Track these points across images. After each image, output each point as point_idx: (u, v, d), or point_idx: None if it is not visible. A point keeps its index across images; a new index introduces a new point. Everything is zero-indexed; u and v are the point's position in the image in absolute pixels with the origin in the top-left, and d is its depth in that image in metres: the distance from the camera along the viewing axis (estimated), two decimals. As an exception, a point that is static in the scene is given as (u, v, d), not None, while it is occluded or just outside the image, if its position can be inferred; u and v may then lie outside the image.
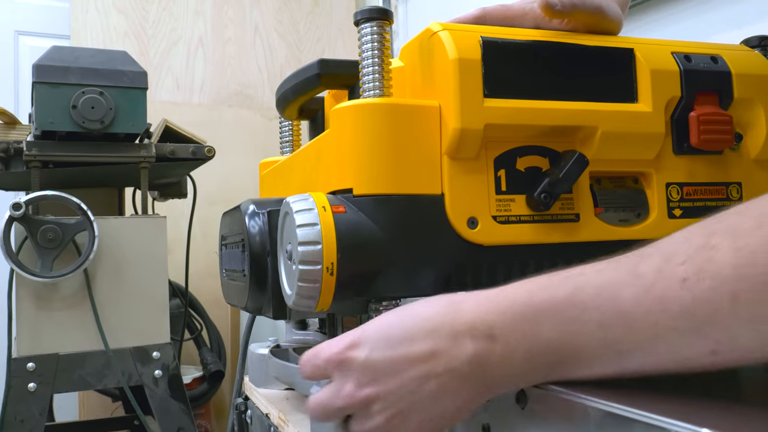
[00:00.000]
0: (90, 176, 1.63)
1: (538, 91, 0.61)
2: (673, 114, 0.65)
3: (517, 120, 0.59)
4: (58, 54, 1.47)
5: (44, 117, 1.42)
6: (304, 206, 0.56)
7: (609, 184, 0.65)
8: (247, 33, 2.71)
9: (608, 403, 0.39)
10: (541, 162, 0.61)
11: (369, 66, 0.59)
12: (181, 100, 2.57)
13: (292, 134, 0.88)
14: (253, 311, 0.68)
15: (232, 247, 0.71)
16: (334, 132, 0.60)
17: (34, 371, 1.35)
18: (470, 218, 0.58)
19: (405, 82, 0.65)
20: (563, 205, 0.62)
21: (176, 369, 1.47)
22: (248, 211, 0.66)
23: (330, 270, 0.55)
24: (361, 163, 0.57)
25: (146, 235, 1.48)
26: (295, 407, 0.74)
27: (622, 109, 0.63)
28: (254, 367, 0.85)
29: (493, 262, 0.59)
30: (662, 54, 0.65)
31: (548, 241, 0.61)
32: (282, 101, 0.75)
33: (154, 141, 1.56)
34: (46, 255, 1.35)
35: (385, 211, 0.56)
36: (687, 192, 0.67)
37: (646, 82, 0.64)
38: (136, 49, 2.48)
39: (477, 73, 0.58)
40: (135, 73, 1.50)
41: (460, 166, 0.58)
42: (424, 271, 0.57)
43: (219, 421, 2.32)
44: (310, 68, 0.68)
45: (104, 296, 1.43)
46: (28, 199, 1.34)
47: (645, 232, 0.64)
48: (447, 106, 0.58)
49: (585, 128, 0.61)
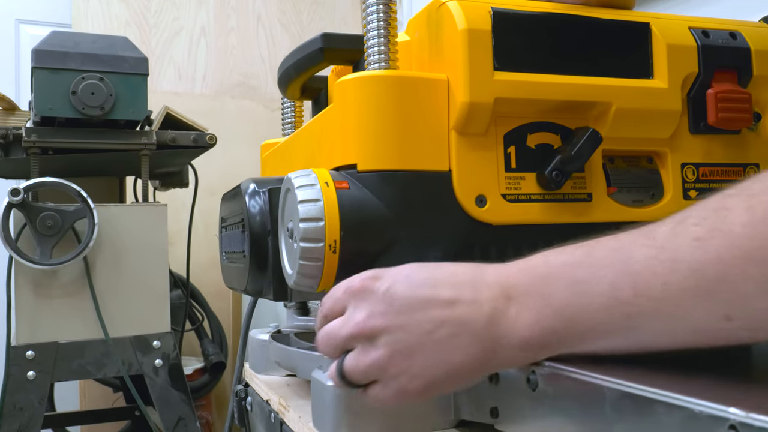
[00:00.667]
0: (90, 164, 1.61)
1: (551, 65, 0.58)
2: (689, 91, 0.63)
3: (529, 94, 0.57)
4: (57, 39, 1.45)
5: (43, 103, 1.40)
6: (306, 182, 0.54)
7: (622, 164, 0.63)
8: (250, 23, 2.69)
9: (626, 383, 0.37)
10: (553, 139, 0.59)
11: (374, 38, 0.57)
12: (183, 91, 2.55)
13: (295, 116, 0.86)
14: (254, 294, 0.66)
15: (232, 229, 0.69)
16: (338, 106, 0.58)
17: (33, 359, 1.34)
18: (478, 196, 0.56)
19: (411, 57, 0.62)
20: (575, 184, 0.59)
21: (177, 358, 1.45)
22: (248, 190, 0.64)
23: (332, 248, 0.52)
24: (365, 138, 0.55)
25: (147, 223, 1.46)
26: (296, 393, 0.71)
27: (638, 85, 0.60)
28: (255, 353, 0.83)
29: (502, 242, 0.57)
30: (679, 29, 0.63)
31: (559, 221, 0.59)
32: (284, 79, 0.73)
33: (155, 128, 1.54)
34: (45, 242, 1.33)
35: (390, 187, 0.54)
36: (703, 173, 0.64)
37: (662, 58, 0.61)
38: (138, 38, 2.46)
39: (487, 44, 0.56)
40: (136, 59, 1.48)
41: (468, 141, 0.56)
42: (430, 251, 0.55)
43: (220, 413, 2.31)
44: (313, 43, 0.66)
45: (104, 284, 1.41)
46: (27, 185, 1.32)
47: (659, 214, 0.62)
48: (455, 79, 0.56)
49: (599, 104, 0.59)
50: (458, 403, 0.55)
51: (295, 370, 0.68)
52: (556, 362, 0.43)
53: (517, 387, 0.46)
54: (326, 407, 0.54)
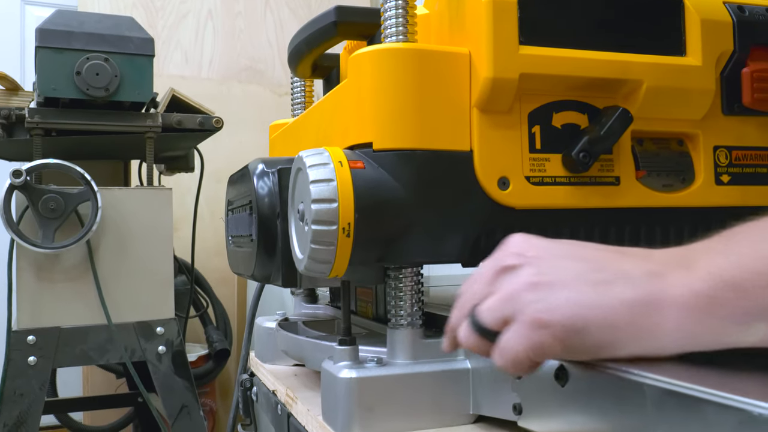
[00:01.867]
0: (95, 147, 1.58)
1: (579, 40, 0.55)
2: (723, 70, 0.59)
3: (555, 70, 0.53)
4: (62, 18, 1.42)
5: (47, 83, 1.36)
6: (318, 161, 0.50)
7: (652, 146, 0.60)
8: (258, 7, 2.65)
9: (670, 381, 0.33)
10: (580, 119, 0.56)
11: (392, 9, 0.53)
12: (190, 75, 2.52)
13: (305, 95, 0.83)
14: (261, 279, 0.63)
15: (239, 211, 0.66)
16: (353, 81, 0.54)
17: (35, 344, 1.31)
18: (501, 178, 0.53)
19: (431, 31, 0.59)
20: (602, 166, 0.56)
21: (180, 345, 1.42)
22: (257, 170, 0.61)
23: (346, 231, 0.49)
24: (382, 115, 0.52)
25: (151, 207, 1.43)
26: (304, 384, 0.69)
27: (670, 62, 0.57)
28: (261, 341, 0.81)
29: (526, 226, 0.53)
30: (714, 4, 0.59)
31: (585, 205, 0.55)
32: (295, 55, 0.70)
33: (160, 111, 1.51)
34: (47, 225, 1.30)
35: (408, 167, 0.51)
36: (736, 156, 0.61)
37: (695, 34, 0.58)
38: (145, 21, 2.43)
39: (512, 17, 0.52)
40: (141, 39, 1.45)
41: (491, 120, 0.53)
42: (449, 235, 0.52)
43: (224, 400, 2.29)
44: (326, 16, 0.62)
45: (107, 269, 1.38)
46: (29, 167, 1.30)
47: (690, 199, 0.59)
48: (478, 53, 0.52)
49: (629, 82, 0.56)
50: (477, 397, 0.52)
51: (304, 360, 0.65)
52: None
53: (543, 382, 0.43)
54: (337, 401, 0.51)
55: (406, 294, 0.54)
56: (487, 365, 0.51)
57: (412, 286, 0.54)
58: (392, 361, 0.53)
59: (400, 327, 0.53)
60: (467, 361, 0.53)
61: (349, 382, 0.50)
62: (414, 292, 0.54)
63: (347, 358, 0.53)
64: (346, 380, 0.50)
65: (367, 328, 0.70)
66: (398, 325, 0.53)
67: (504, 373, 0.41)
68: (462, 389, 0.52)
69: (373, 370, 0.51)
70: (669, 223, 0.59)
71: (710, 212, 0.60)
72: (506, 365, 0.39)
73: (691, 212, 0.59)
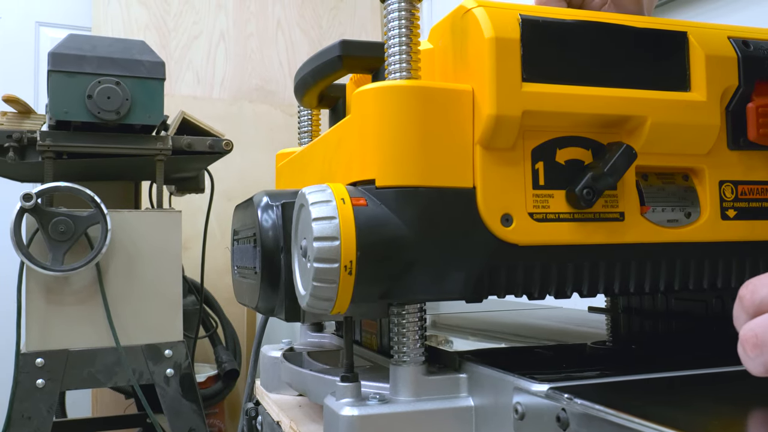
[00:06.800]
0: (106, 169, 1.60)
1: (582, 76, 0.55)
2: (728, 105, 0.59)
3: (559, 107, 0.53)
4: (74, 42, 1.44)
5: (59, 106, 1.38)
6: (320, 198, 0.50)
7: (657, 181, 0.59)
8: (269, 28, 2.68)
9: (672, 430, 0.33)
10: (584, 154, 0.56)
11: (396, 45, 0.54)
12: (201, 95, 2.54)
13: (311, 124, 0.83)
14: (265, 312, 0.63)
15: (244, 242, 0.66)
16: (356, 117, 0.55)
17: (43, 367, 1.32)
18: (504, 215, 0.53)
19: (435, 66, 0.59)
20: (607, 202, 0.56)
21: (189, 368, 1.42)
22: (261, 203, 0.61)
23: (348, 269, 0.49)
24: (385, 152, 0.52)
25: (160, 230, 1.44)
26: (307, 415, 0.68)
27: (674, 98, 0.57)
28: (266, 370, 0.80)
29: (529, 263, 0.54)
30: (718, 39, 0.59)
31: (590, 242, 0.55)
32: (301, 86, 0.70)
33: (171, 133, 1.52)
34: (57, 248, 1.31)
35: (410, 205, 0.51)
36: (742, 191, 0.60)
37: (700, 69, 0.58)
38: (157, 42, 2.45)
39: (515, 54, 0.52)
40: (152, 63, 1.47)
41: (494, 157, 0.53)
42: (452, 272, 0.52)
43: (233, 421, 2.28)
44: (332, 50, 0.63)
45: (116, 291, 1.39)
46: (39, 190, 1.31)
47: (695, 235, 0.58)
48: (481, 90, 0.52)
49: (633, 118, 0.56)
50: (480, 436, 0.51)
51: (306, 393, 0.65)
52: (589, 401, 0.39)
53: (545, 424, 0.43)
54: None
55: (410, 330, 0.54)
56: (490, 402, 0.51)
57: (415, 323, 0.54)
58: (395, 398, 0.53)
59: (402, 364, 0.53)
60: (470, 398, 0.53)
61: (351, 420, 0.50)
62: (417, 328, 0.54)
63: (349, 395, 0.52)
64: (347, 418, 0.50)
65: (371, 361, 0.70)
66: (401, 362, 0.53)
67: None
68: (465, 427, 0.52)
69: (375, 408, 0.51)
70: (675, 259, 0.58)
71: (716, 247, 0.59)
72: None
73: (697, 247, 0.59)
